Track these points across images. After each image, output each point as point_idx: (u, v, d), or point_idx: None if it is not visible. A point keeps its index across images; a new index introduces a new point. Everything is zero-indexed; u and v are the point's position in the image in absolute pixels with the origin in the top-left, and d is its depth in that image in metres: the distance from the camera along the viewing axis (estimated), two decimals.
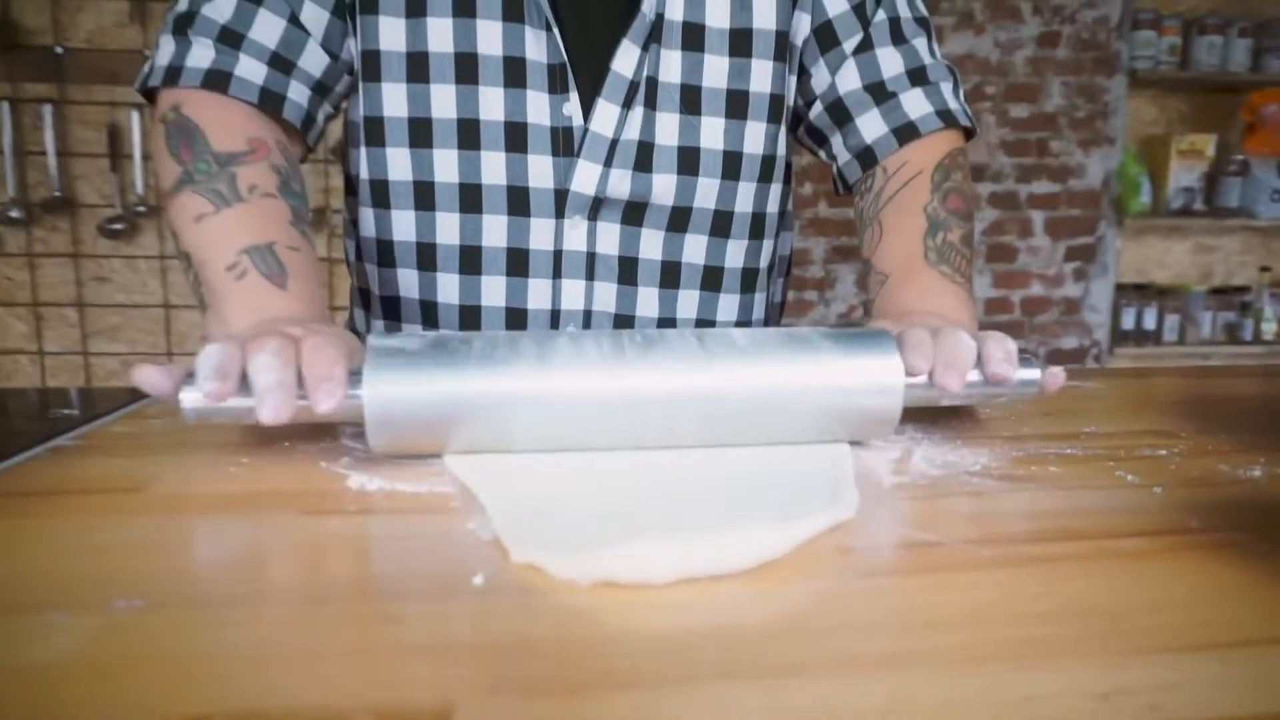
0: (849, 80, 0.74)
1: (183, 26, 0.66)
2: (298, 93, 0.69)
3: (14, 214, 2.25)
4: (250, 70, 0.66)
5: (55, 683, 0.25)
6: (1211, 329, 2.65)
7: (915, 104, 0.73)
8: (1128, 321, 2.59)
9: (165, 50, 0.67)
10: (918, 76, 0.74)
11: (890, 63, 0.74)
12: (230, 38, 0.66)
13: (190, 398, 0.44)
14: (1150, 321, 2.60)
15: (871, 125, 0.74)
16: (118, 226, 2.29)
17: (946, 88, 0.75)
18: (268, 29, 0.66)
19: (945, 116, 0.73)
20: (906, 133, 0.73)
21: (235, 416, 0.44)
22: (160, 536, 0.37)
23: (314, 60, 0.69)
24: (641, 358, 0.46)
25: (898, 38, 0.74)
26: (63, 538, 0.36)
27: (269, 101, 0.67)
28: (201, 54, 0.65)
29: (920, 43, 0.75)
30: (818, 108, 0.76)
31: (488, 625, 0.29)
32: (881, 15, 0.74)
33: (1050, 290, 2.57)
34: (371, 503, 0.41)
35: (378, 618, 0.30)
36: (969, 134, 0.77)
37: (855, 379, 0.48)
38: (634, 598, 0.31)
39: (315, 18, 0.68)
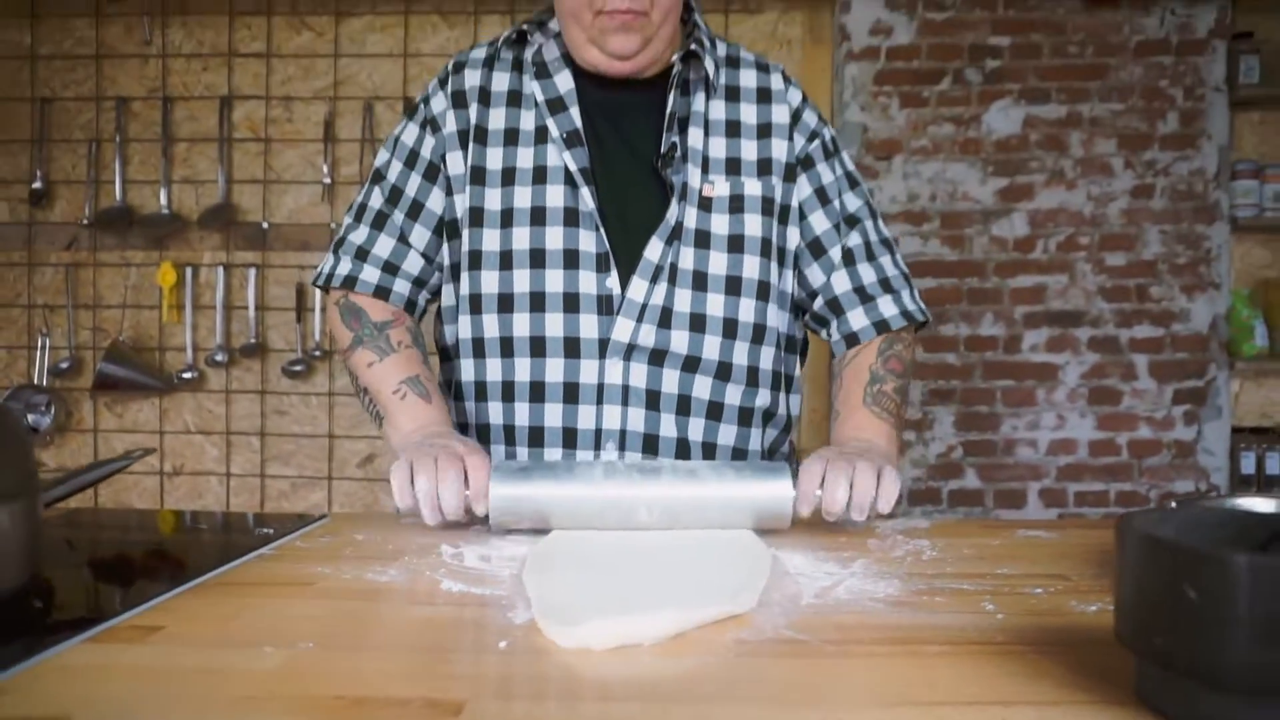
0: (840, 284, 1.04)
1: (336, 248, 1.07)
2: (401, 288, 1.04)
3: (219, 357, 2.72)
4: (369, 275, 1.03)
5: (265, 680, 0.47)
6: None
7: (887, 307, 1.05)
8: (1248, 466, 2.54)
9: (326, 263, 1.06)
10: (887, 286, 1.05)
11: (867, 274, 1.04)
12: (360, 254, 1.04)
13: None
14: (1274, 466, 2.53)
15: (858, 319, 1.04)
16: (297, 368, 2.71)
17: (906, 294, 1.06)
18: (384, 247, 1.03)
19: (908, 316, 1.05)
20: (881, 327, 1.04)
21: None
22: (324, 610, 0.59)
23: (413, 264, 1.04)
24: (631, 478, 0.80)
25: (871, 256, 1.06)
26: (269, 608, 0.59)
27: (380, 294, 1.03)
28: (344, 266, 1.04)
29: (886, 260, 1.07)
30: (819, 301, 1.07)
31: (502, 667, 0.49)
32: (856, 238, 1.04)
33: (1159, 433, 2.57)
34: (453, 599, 0.62)
35: (433, 657, 0.50)
36: (924, 324, 1.08)
37: (749, 497, 0.79)
38: (580, 660, 0.50)
39: (419, 236, 1.04)
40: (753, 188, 1.02)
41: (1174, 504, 0.73)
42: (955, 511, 2.59)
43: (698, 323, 0.99)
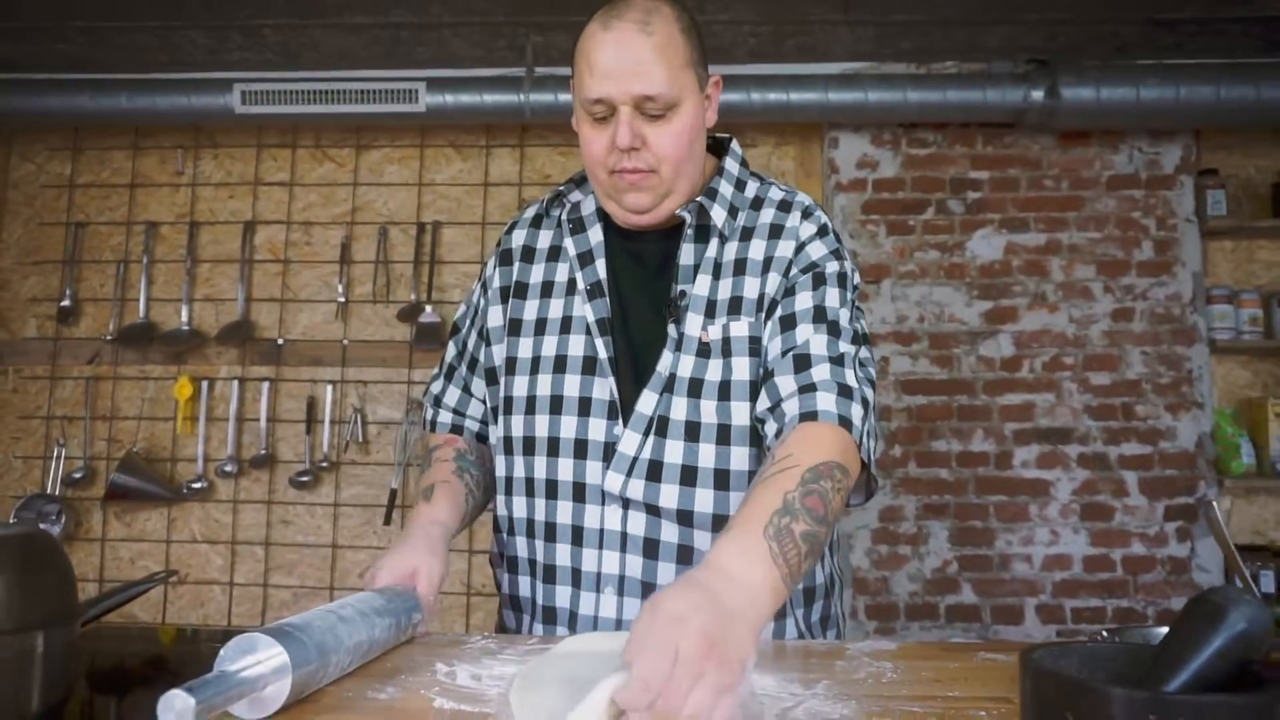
0: (771, 392, 0.96)
1: (429, 397, 1.22)
2: (471, 425, 1.19)
3: (229, 468, 2.79)
4: (444, 418, 1.20)
5: None
6: None
7: (806, 404, 0.92)
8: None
9: (427, 412, 1.22)
10: (808, 389, 0.93)
11: (787, 385, 0.95)
12: (438, 403, 1.20)
13: None
14: (1269, 584, 2.54)
15: (771, 426, 0.94)
16: (304, 479, 2.78)
17: (830, 398, 0.91)
18: (451, 397, 1.20)
19: (809, 416, 0.91)
20: (806, 418, 0.91)
21: None
22: None
23: (475, 410, 1.19)
24: None
25: (801, 366, 0.95)
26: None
27: (455, 431, 1.19)
28: (429, 413, 1.21)
29: (821, 368, 0.94)
30: (757, 414, 0.97)
31: None
32: (791, 355, 0.96)
33: (1153, 549, 2.59)
34: (445, 717, 0.67)
35: None
36: (864, 465, 0.93)
37: None
38: None
39: (478, 386, 1.18)
40: (740, 329, 1.01)
41: (1105, 633, 0.79)
42: (953, 627, 2.59)
43: (689, 475, 1.00)
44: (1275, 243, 2.74)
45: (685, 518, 1.00)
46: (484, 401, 1.16)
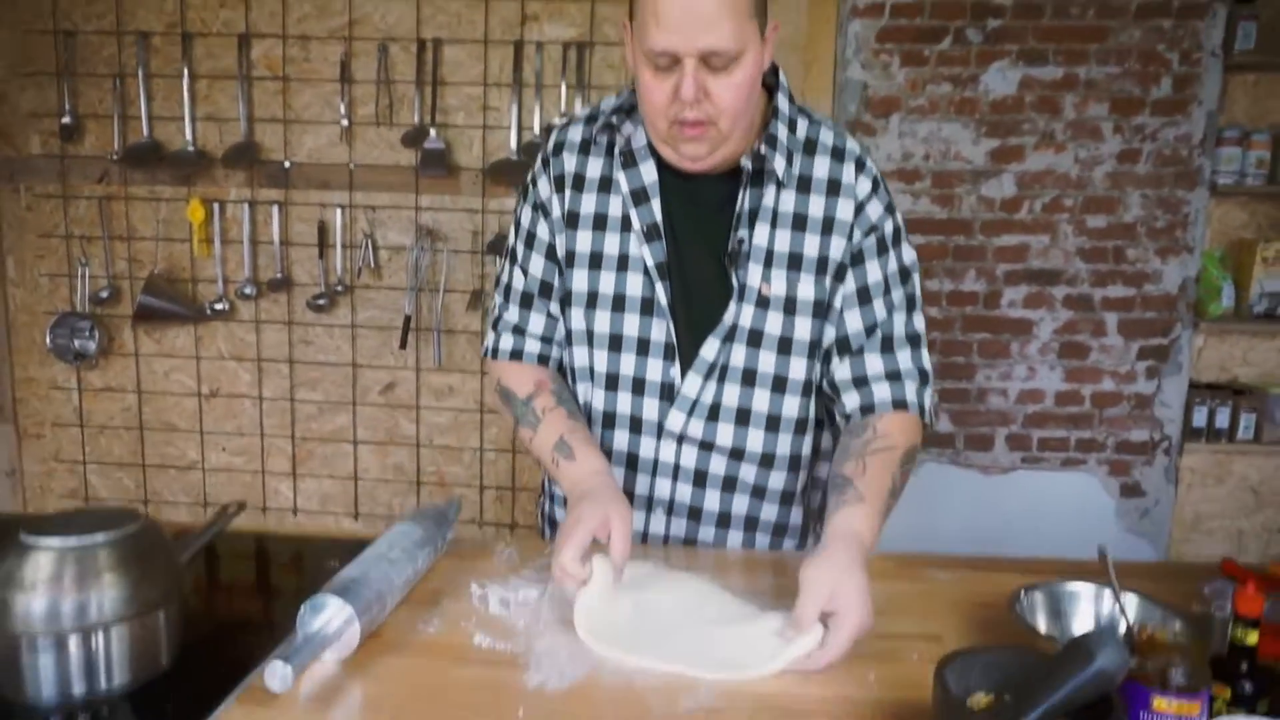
0: (844, 370, 1.11)
1: (496, 325, 1.22)
2: (556, 352, 1.20)
3: (248, 290, 2.90)
4: (531, 347, 1.19)
5: None
6: None
7: (880, 391, 1.08)
8: (1199, 419, 2.75)
9: (489, 338, 1.22)
10: (893, 376, 1.09)
11: (874, 365, 1.10)
12: (519, 331, 1.19)
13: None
14: (1223, 420, 2.74)
15: (851, 401, 1.10)
16: (321, 302, 2.90)
17: (912, 386, 1.09)
18: (537, 324, 1.19)
19: (898, 404, 1.08)
20: (867, 410, 1.09)
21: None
22: (393, 669, 0.81)
23: (562, 331, 1.19)
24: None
25: (888, 349, 1.10)
26: (353, 664, 0.82)
27: (542, 361, 1.19)
28: (506, 341, 1.20)
29: (905, 353, 1.10)
30: (826, 383, 1.12)
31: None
32: (879, 334, 1.10)
33: (1121, 386, 2.76)
34: (483, 657, 0.84)
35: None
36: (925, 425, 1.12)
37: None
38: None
39: (557, 310, 1.18)
40: (806, 290, 1.08)
41: (1023, 591, 0.94)
42: (928, 451, 2.82)
43: (743, 417, 1.11)
44: None
45: (736, 454, 1.13)
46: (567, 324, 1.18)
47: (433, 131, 2.79)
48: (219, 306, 2.91)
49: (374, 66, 2.80)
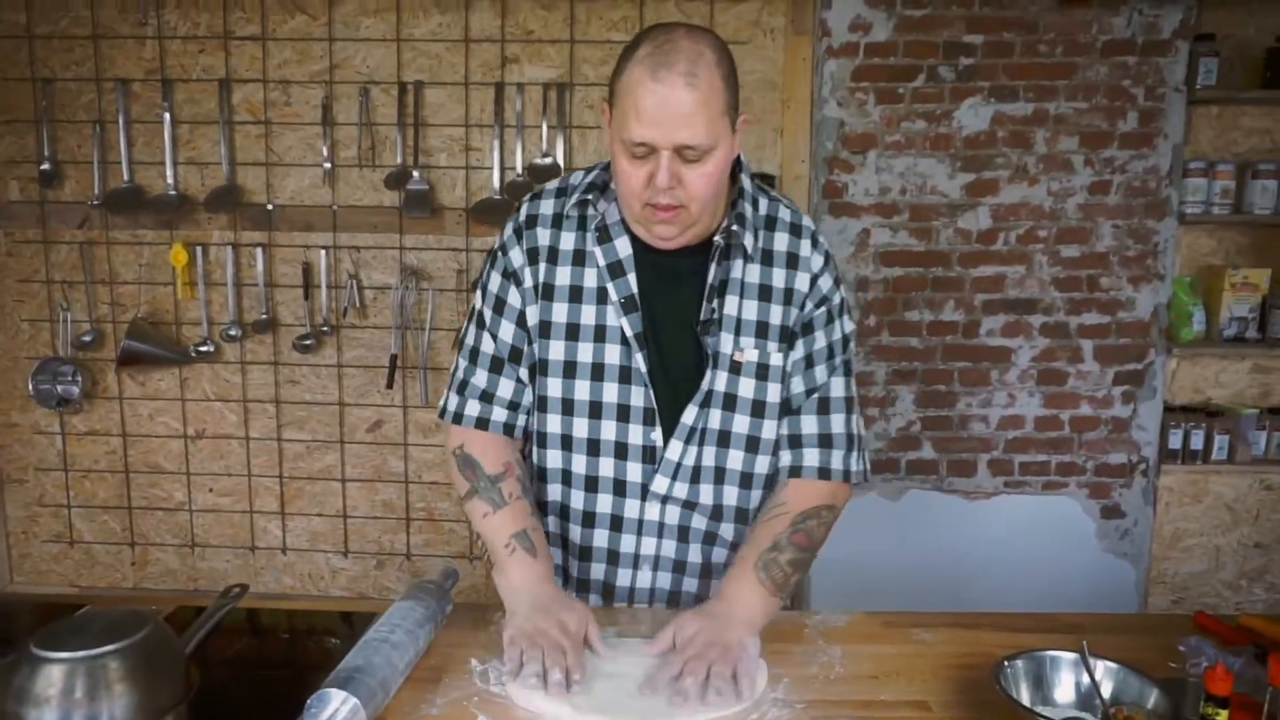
0: (783, 428, 1.21)
1: (461, 390, 1.22)
2: (522, 420, 1.22)
3: (233, 332, 2.90)
4: (499, 415, 1.20)
5: None
6: (1266, 448, 2.83)
7: (810, 458, 1.18)
8: (1175, 441, 2.81)
9: (453, 401, 1.22)
10: (825, 440, 1.20)
11: (808, 425, 1.20)
12: (486, 397, 1.20)
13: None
14: (1198, 442, 2.80)
15: (784, 458, 1.20)
16: (307, 342, 2.91)
17: (839, 453, 1.19)
18: (505, 389, 1.20)
19: (823, 473, 1.18)
20: (794, 472, 1.19)
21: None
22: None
23: (527, 398, 1.22)
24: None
25: (822, 410, 1.20)
26: None
27: (508, 430, 1.20)
28: (473, 407, 1.20)
29: (838, 417, 1.20)
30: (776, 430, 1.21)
31: None
32: (816, 395, 1.20)
33: (1099, 410, 2.82)
34: None
35: None
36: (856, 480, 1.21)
37: None
38: None
39: (525, 376, 1.21)
40: (776, 358, 1.16)
41: (1005, 662, 0.97)
42: (912, 479, 2.87)
43: (719, 475, 1.18)
44: (1260, 109, 2.75)
45: (715, 511, 1.20)
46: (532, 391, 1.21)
47: (415, 173, 2.81)
48: (204, 348, 2.91)
49: (355, 109, 2.82)
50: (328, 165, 2.84)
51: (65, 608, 0.80)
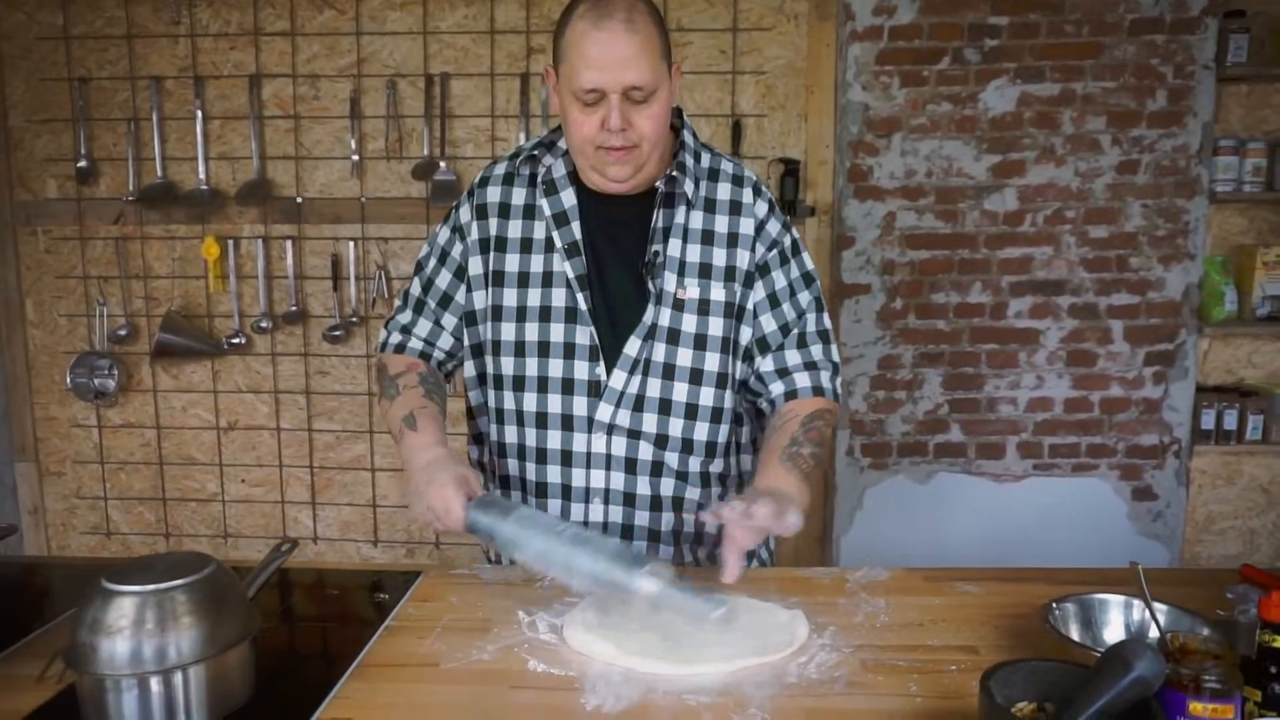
0: (767, 364, 1.28)
1: (388, 324, 1.37)
2: (437, 354, 1.33)
3: (263, 323, 2.94)
4: (414, 345, 1.33)
5: None
6: None
7: (801, 380, 1.27)
8: (1208, 422, 2.78)
9: (381, 334, 1.37)
10: (810, 366, 1.28)
11: (793, 358, 1.28)
12: (405, 330, 1.34)
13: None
14: (1231, 422, 2.78)
15: (776, 389, 1.28)
16: (337, 333, 2.94)
17: (825, 374, 1.28)
18: (423, 328, 1.33)
19: (817, 391, 1.26)
20: (790, 396, 1.26)
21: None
22: (453, 697, 0.85)
23: (445, 342, 1.33)
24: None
25: (803, 344, 1.28)
26: (415, 695, 0.85)
27: (423, 356, 1.33)
28: (394, 338, 1.35)
29: (816, 348, 1.29)
30: (753, 380, 1.29)
31: None
32: (794, 330, 1.28)
33: (1129, 392, 2.80)
34: (540, 680, 0.88)
35: None
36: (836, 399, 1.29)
37: None
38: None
39: (449, 322, 1.32)
40: (718, 293, 1.24)
41: (1054, 604, 0.97)
42: (940, 462, 2.86)
43: (665, 407, 1.24)
44: None
45: (660, 441, 1.25)
46: (455, 336, 1.32)
47: (442, 164, 2.84)
48: (235, 341, 2.95)
49: (383, 102, 2.86)
50: (356, 158, 2.87)
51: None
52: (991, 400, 2.83)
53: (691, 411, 1.25)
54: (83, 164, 2.91)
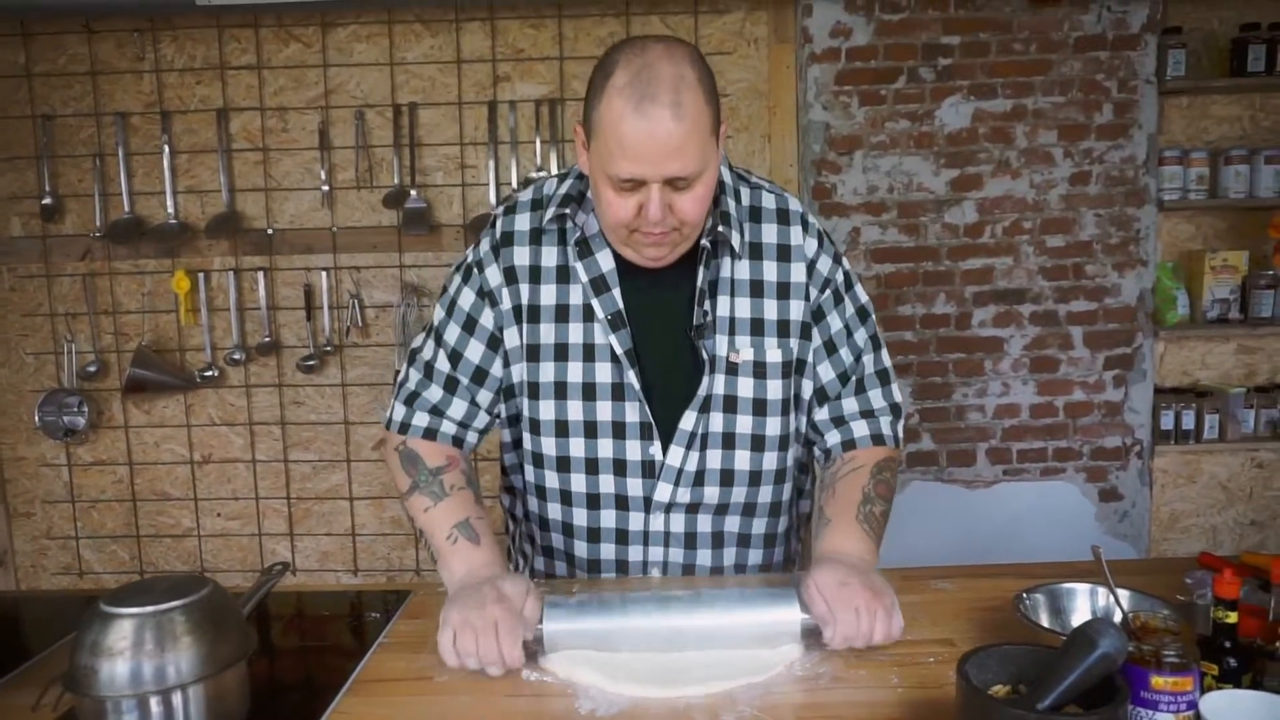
0: (824, 413, 1.21)
1: (410, 401, 1.20)
2: (472, 438, 1.21)
3: (236, 356, 2.94)
4: (447, 429, 1.18)
5: None
6: (1255, 426, 2.89)
7: (859, 429, 1.19)
8: (1167, 423, 2.87)
9: (399, 411, 1.20)
10: (867, 415, 1.21)
11: (850, 406, 1.20)
12: (437, 412, 1.18)
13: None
14: (1189, 422, 2.87)
15: (832, 438, 1.21)
16: (310, 363, 2.94)
17: (885, 420, 1.21)
18: (458, 410, 1.19)
19: (876, 439, 1.19)
20: (848, 445, 1.19)
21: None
22: (450, 708, 0.87)
23: (481, 421, 1.20)
24: (667, 611, 0.97)
25: (861, 390, 1.21)
26: (411, 709, 0.87)
27: (456, 444, 1.19)
28: (420, 419, 1.18)
29: (875, 393, 1.21)
30: (817, 422, 1.22)
31: None
32: (853, 375, 1.20)
33: (1091, 395, 2.88)
34: (534, 688, 0.90)
35: None
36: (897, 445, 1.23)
37: (768, 620, 0.97)
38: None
39: (484, 399, 1.19)
40: (774, 354, 1.14)
41: (1024, 595, 1.01)
42: (913, 471, 2.91)
43: (727, 478, 1.16)
44: (1228, 98, 2.84)
45: (721, 510, 1.19)
46: (489, 412, 1.19)
47: (413, 192, 2.87)
48: (208, 374, 2.94)
49: (352, 133, 2.88)
50: (326, 188, 2.89)
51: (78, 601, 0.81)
52: (960, 408, 2.89)
53: (755, 479, 1.17)
54: (47, 200, 2.90)
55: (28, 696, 0.84)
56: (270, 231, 2.92)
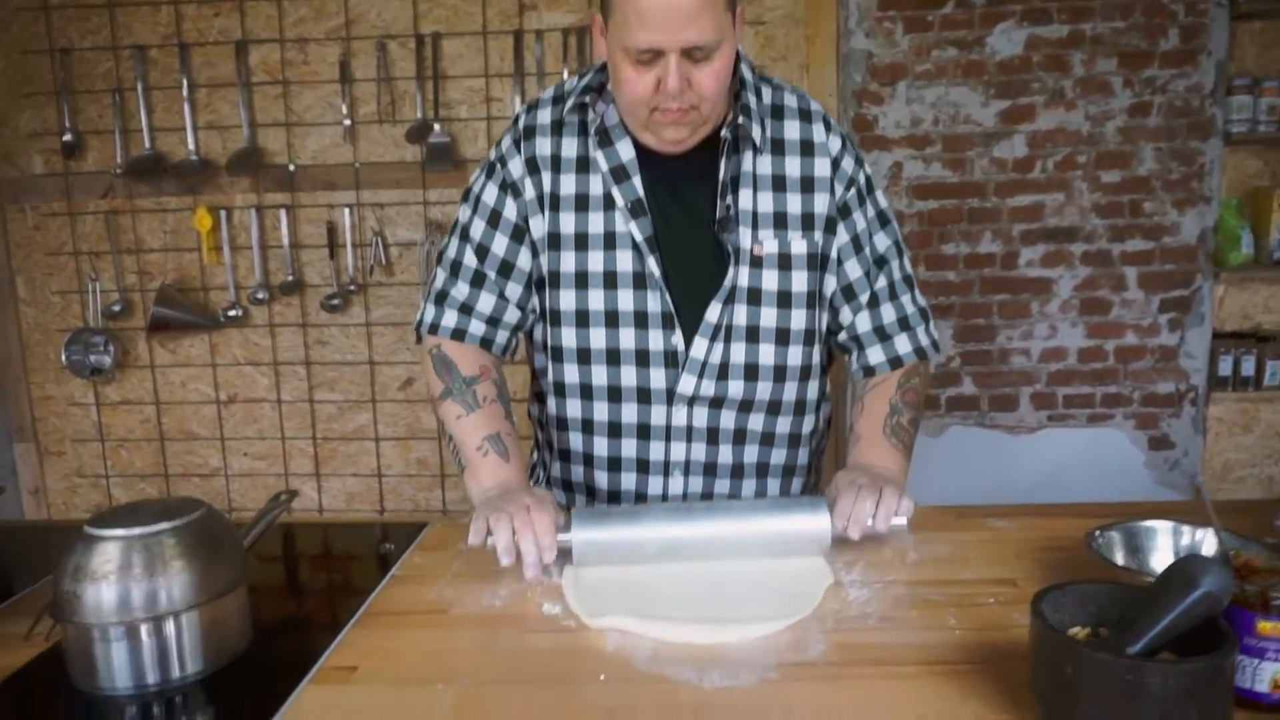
0: (863, 323, 1.19)
1: (440, 300, 1.18)
2: (501, 337, 1.19)
3: (260, 295, 2.89)
4: (476, 328, 1.16)
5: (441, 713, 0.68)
6: None
7: (902, 345, 1.19)
8: (1225, 369, 2.73)
9: (429, 312, 1.19)
10: (905, 324, 1.19)
11: (888, 314, 1.17)
12: (465, 309, 1.16)
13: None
14: (1249, 368, 2.73)
15: (875, 355, 1.20)
16: (334, 302, 2.88)
17: (921, 330, 1.20)
18: (486, 304, 1.16)
19: (919, 353, 1.20)
20: (895, 363, 1.19)
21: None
22: (466, 642, 0.80)
23: (511, 316, 1.18)
24: (695, 519, 0.96)
25: (893, 295, 1.18)
26: (425, 641, 0.81)
27: (485, 345, 1.17)
28: (449, 318, 1.16)
29: (906, 298, 1.19)
30: (843, 335, 1.20)
31: (601, 698, 0.70)
32: (882, 280, 1.17)
33: (1145, 339, 2.74)
34: (554, 624, 0.83)
35: (558, 690, 0.71)
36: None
37: (795, 528, 0.95)
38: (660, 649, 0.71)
39: (513, 293, 1.17)
40: (798, 245, 1.12)
41: (1097, 531, 0.92)
42: (952, 416, 2.81)
43: (751, 372, 1.14)
44: None
45: (745, 405, 1.16)
46: (520, 307, 1.18)
47: (436, 126, 2.77)
48: (232, 313, 2.89)
49: (373, 65, 2.78)
50: (348, 123, 2.80)
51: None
52: (1004, 352, 2.77)
53: (780, 374, 1.15)
54: (68, 138, 2.84)
55: (20, 626, 0.79)
56: (292, 168, 2.84)
